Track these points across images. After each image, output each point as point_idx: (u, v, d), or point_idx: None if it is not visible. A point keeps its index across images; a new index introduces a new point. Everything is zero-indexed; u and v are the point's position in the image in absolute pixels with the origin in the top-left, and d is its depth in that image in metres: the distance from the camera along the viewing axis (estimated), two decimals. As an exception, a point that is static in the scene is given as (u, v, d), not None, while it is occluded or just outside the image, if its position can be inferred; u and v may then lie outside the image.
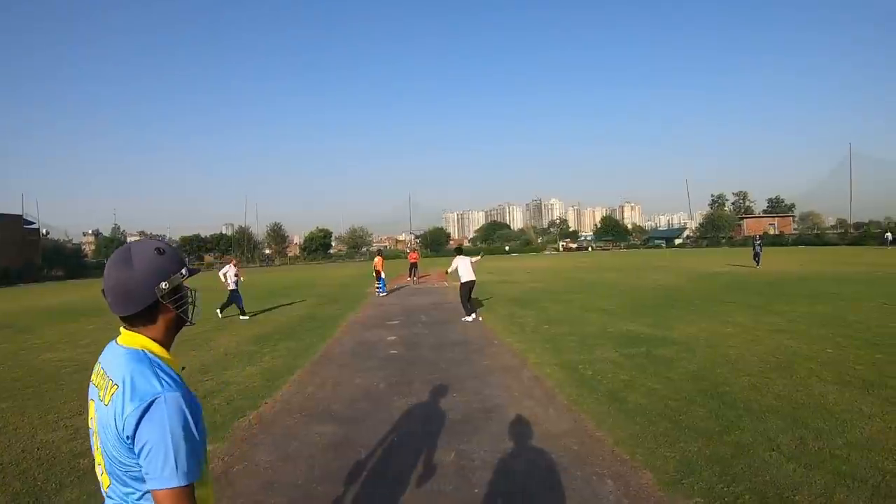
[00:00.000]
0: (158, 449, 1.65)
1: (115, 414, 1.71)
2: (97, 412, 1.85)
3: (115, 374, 1.81)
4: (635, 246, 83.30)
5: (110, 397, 1.76)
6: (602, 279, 26.14)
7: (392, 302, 20.56)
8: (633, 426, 5.97)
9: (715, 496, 4.27)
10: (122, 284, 1.83)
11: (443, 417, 6.80)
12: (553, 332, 12.08)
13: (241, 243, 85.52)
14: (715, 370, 7.99)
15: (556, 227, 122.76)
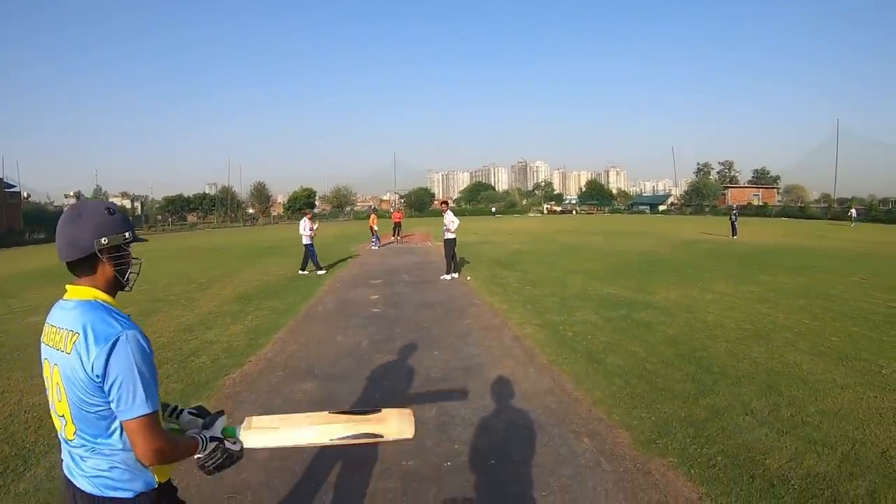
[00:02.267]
0: (127, 382, 1.87)
1: (80, 358, 1.88)
2: (59, 364, 1.97)
3: (71, 324, 1.96)
4: (619, 211, 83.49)
5: (72, 345, 1.91)
6: (585, 243, 26.26)
7: (376, 261, 20.61)
8: (611, 387, 6.11)
9: (688, 457, 4.41)
10: (68, 232, 2.02)
11: (425, 375, 6.91)
12: (534, 294, 12.21)
13: (225, 203, 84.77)
14: (693, 335, 8.14)
15: (541, 189, 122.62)
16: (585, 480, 4.17)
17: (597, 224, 47.34)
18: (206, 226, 75.09)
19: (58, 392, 2.00)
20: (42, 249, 40.27)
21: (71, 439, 2.01)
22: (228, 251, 28.55)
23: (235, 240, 39.96)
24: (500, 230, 39.13)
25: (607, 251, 21.83)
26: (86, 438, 1.98)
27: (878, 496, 3.76)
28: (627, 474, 4.20)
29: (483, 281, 14.57)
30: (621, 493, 3.94)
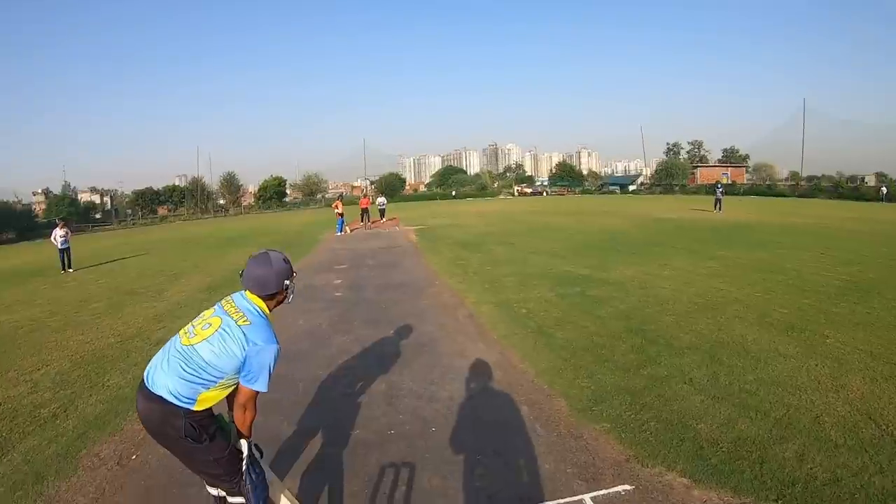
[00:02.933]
0: (262, 369, 2.93)
1: (244, 334, 2.93)
2: (224, 322, 2.99)
3: (246, 312, 3.05)
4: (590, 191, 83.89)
5: (243, 322, 2.98)
6: (552, 223, 26.41)
7: (343, 247, 20.62)
8: (557, 360, 6.26)
9: (622, 422, 4.57)
10: (263, 277, 3.13)
11: (379, 352, 7.05)
12: (494, 274, 12.32)
13: (195, 194, 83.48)
14: (644, 310, 8.30)
15: (513, 171, 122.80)
16: (520, 445, 4.32)
17: (566, 205, 47.50)
18: (177, 218, 73.90)
19: (206, 327, 3.00)
20: (11, 249, 39.51)
21: (184, 345, 2.96)
22: (198, 243, 28.34)
23: (205, 231, 39.66)
24: (469, 213, 39.15)
25: (573, 231, 22.01)
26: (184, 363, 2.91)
27: (807, 458, 3.90)
28: (560, 439, 4.35)
29: (445, 263, 14.66)
30: (551, 455, 4.10)
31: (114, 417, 5.60)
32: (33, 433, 5.38)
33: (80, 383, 6.79)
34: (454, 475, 3.95)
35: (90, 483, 4.32)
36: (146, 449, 4.79)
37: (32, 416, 5.80)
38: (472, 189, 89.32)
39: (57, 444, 5.07)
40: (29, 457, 4.84)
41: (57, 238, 18.63)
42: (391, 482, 3.94)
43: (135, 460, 4.64)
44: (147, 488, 4.17)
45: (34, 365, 7.67)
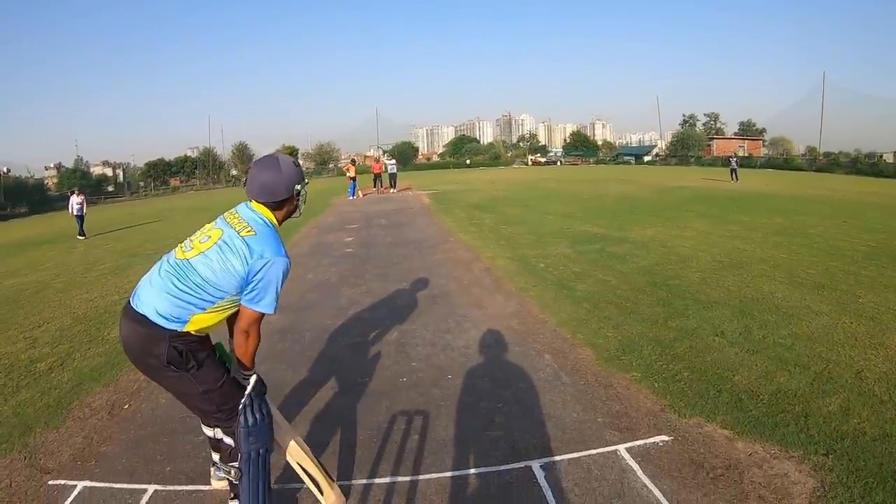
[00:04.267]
0: (268, 287, 2.56)
1: (248, 246, 2.54)
2: (225, 233, 2.62)
3: (252, 223, 2.65)
4: (604, 161, 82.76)
5: (246, 233, 2.59)
6: (567, 189, 25.91)
7: (354, 209, 20.36)
8: (579, 311, 5.94)
9: (653, 372, 4.24)
10: (272, 182, 2.70)
11: (390, 303, 6.79)
12: (510, 232, 12.00)
13: (207, 165, 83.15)
14: (667, 266, 7.94)
15: (526, 141, 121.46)
16: (543, 393, 4.02)
17: (580, 173, 46.95)
18: (189, 189, 73.47)
19: (205, 240, 2.63)
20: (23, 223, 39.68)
21: (179, 259, 2.62)
22: (207, 210, 28.10)
23: (216, 200, 39.40)
24: (483, 180, 38.81)
25: (588, 196, 21.55)
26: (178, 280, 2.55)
27: (853, 412, 3.57)
28: (588, 387, 4.03)
29: (459, 222, 14.35)
30: (579, 404, 3.78)
31: (110, 369, 5.43)
32: (27, 387, 5.24)
33: (79, 338, 6.67)
34: (472, 424, 3.66)
35: (78, 433, 4.13)
36: (139, 398, 4.65)
37: (28, 371, 5.67)
38: (485, 158, 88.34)
39: (49, 397, 4.91)
40: (19, 409, 4.67)
41: (73, 206, 18.66)
42: (402, 430, 3.66)
43: (126, 409, 4.46)
44: (136, 438, 3.96)
45: (35, 323, 7.56)
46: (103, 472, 3.57)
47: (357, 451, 3.46)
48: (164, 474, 3.46)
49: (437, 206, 19.33)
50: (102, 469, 3.60)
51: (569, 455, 3.22)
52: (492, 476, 3.10)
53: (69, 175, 75.64)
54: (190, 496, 3.21)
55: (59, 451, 3.87)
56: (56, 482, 3.49)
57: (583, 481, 2.99)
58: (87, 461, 3.71)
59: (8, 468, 3.71)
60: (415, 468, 3.23)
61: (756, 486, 2.86)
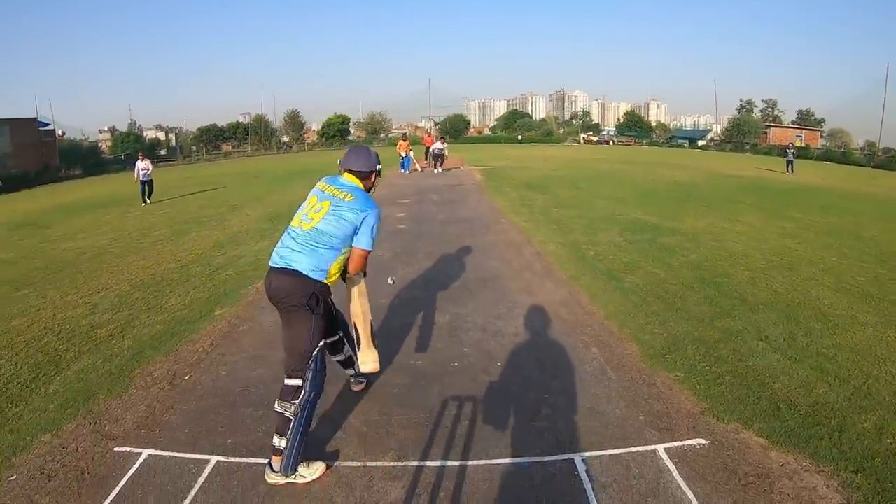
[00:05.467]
0: (369, 230, 3.50)
1: (354, 206, 3.46)
2: (333, 202, 3.47)
3: (349, 189, 3.57)
4: (657, 144, 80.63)
5: (349, 198, 3.49)
6: (618, 171, 25.57)
7: (406, 183, 20.40)
8: (627, 304, 6.01)
9: (696, 373, 4.31)
10: (363, 157, 3.76)
11: (443, 284, 6.92)
12: (561, 215, 12.02)
13: (258, 131, 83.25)
14: (717, 262, 7.91)
15: (579, 118, 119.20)
16: (588, 386, 4.13)
17: (633, 155, 45.93)
18: (241, 154, 73.72)
19: (318, 210, 3.46)
20: (77, 185, 40.39)
21: (307, 229, 3.41)
22: (260, 176, 28.48)
23: (268, 166, 39.81)
24: (534, 157, 38.41)
25: (640, 179, 21.23)
26: (313, 241, 3.38)
27: (887, 431, 3.58)
28: (632, 384, 4.14)
29: (511, 202, 14.39)
30: (623, 400, 3.89)
31: (170, 338, 5.61)
32: (89, 353, 5.42)
33: (137, 305, 6.85)
34: (520, 413, 3.80)
35: (141, 402, 4.31)
36: (200, 370, 4.82)
37: (89, 337, 5.85)
38: (537, 134, 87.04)
39: (111, 364, 5.09)
40: (82, 375, 4.87)
41: (139, 170, 18.65)
42: (453, 415, 3.82)
43: (188, 380, 4.63)
44: (198, 409, 4.14)
45: (94, 288, 7.78)
46: (167, 441, 3.71)
47: (410, 432, 3.63)
48: (225, 446, 3.59)
49: (489, 184, 19.35)
50: (166, 438, 3.74)
51: (610, 451, 3.35)
52: (536, 467, 3.25)
53: (123, 139, 76.81)
54: (250, 468, 3.34)
55: (122, 419, 4.05)
56: (122, 449, 3.65)
57: (621, 478, 3.12)
58: (150, 430, 3.87)
59: (74, 433, 3.89)
60: (464, 453, 3.39)
61: (785, 497, 2.95)
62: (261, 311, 6.20)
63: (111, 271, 8.76)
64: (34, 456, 3.64)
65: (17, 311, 6.99)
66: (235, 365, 4.86)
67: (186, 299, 6.93)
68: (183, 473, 3.32)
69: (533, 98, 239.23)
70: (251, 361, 4.90)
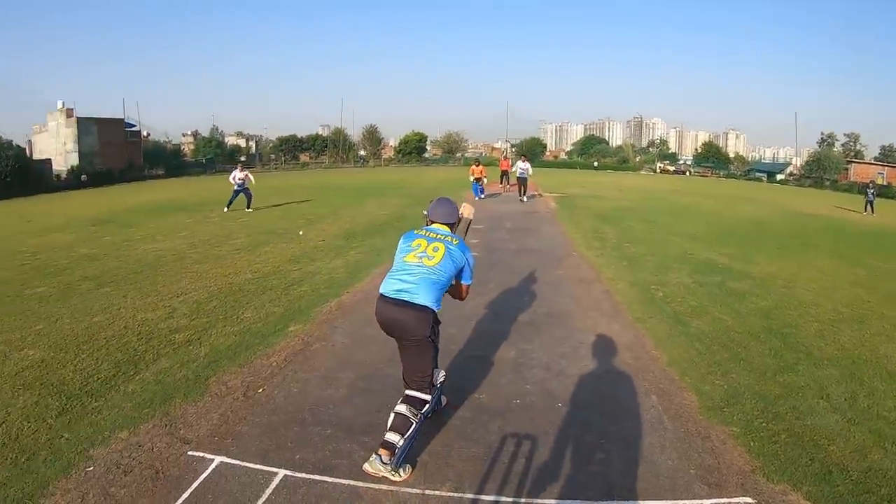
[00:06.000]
0: (470, 269, 4.05)
1: (458, 249, 3.94)
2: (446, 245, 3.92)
3: (449, 235, 4.05)
4: (734, 176, 77.54)
5: (456, 243, 3.97)
6: (694, 205, 25.02)
7: (480, 207, 20.33)
8: (690, 351, 5.99)
9: (752, 429, 4.30)
10: (449, 210, 4.20)
11: (511, 318, 7.01)
12: (633, 251, 11.96)
13: (337, 144, 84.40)
14: (785, 311, 7.73)
15: (656, 147, 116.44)
16: (644, 434, 4.19)
17: (709, 187, 44.68)
18: (318, 166, 75.13)
19: (435, 251, 3.87)
20: (159, 184, 42.08)
21: (428, 265, 3.81)
22: (338, 190, 29.04)
23: (345, 180, 40.49)
24: (609, 185, 37.84)
25: (715, 215, 20.72)
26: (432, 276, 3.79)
27: (938, 503, 3.50)
28: (687, 436, 4.17)
29: (583, 234, 14.38)
30: (676, 451, 3.94)
31: (244, 350, 5.84)
32: (167, 356, 5.70)
33: (215, 314, 7.14)
34: (575, 455, 3.89)
35: (215, 410, 4.53)
36: (273, 384, 5.01)
37: (167, 340, 6.16)
38: (612, 161, 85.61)
39: (188, 369, 5.34)
40: (160, 377, 5.15)
41: (235, 179, 19.12)
42: (511, 452, 3.93)
43: (261, 393, 4.82)
44: (269, 422, 4.31)
45: (173, 292, 8.16)
46: (239, 450, 3.89)
47: (468, 464, 3.76)
48: (293, 461, 3.73)
49: (563, 213, 19.36)
50: (238, 447, 3.93)
51: (658, 502, 3.42)
52: (586, 511, 3.34)
53: (205, 143, 79.48)
54: (315, 485, 3.47)
55: (197, 424, 4.28)
56: (195, 453, 3.85)
57: (667, 530, 3.18)
58: (223, 438, 4.07)
59: (150, 433, 4.14)
60: (518, 490, 3.50)
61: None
62: (333, 330, 6.48)
63: (190, 277, 9.16)
64: (111, 451, 3.90)
65: (99, 308, 7.45)
66: (307, 383, 5.07)
67: (262, 312, 7.22)
68: (252, 483, 3.50)
69: (610, 123, 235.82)
70: (322, 381, 5.11)
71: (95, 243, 13.07)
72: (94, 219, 18.38)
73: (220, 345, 6.02)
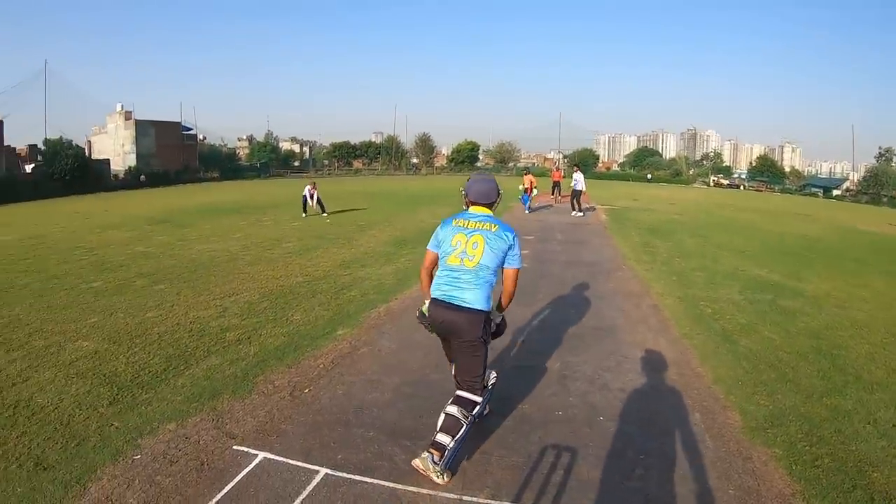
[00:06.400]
0: (518, 251, 3.89)
1: (501, 236, 3.80)
2: (484, 235, 3.79)
3: (487, 220, 3.88)
4: (789, 191, 74.67)
5: (495, 228, 3.82)
6: (746, 220, 24.27)
7: (532, 218, 20.44)
8: (737, 369, 5.87)
9: (795, 452, 4.21)
10: (487, 188, 4.03)
11: (558, 331, 7.00)
12: (683, 266, 11.76)
13: (389, 151, 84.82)
14: (837, 331, 7.49)
15: (710, 160, 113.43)
16: (685, 452, 4.15)
17: (763, 202, 43.26)
18: (370, 172, 75.70)
19: (475, 247, 3.75)
20: (214, 186, 42.96)
21: (474, 266, 3.73)
22: (390, 197, 29.24)
23: (397, 187, 40.65)
24: (661, 198, 37.12)
25: (768, 231, 20.07)
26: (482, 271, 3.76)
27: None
28: (728, 455, 4.11)
29: (633, 247, 14.21)
30: (715, 471, 3.89)
31: (293, 351, 5.96)
32: (216, 353, 5.87)
33: (265, 314, 7.30)
34: (613, 470, 3.87)
35: (261, 407, 4.64)
36: (319, 385, 5.10)
37: (218, 338, 6.34)
38: (665, 174, 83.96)
39: (236, 367, 5.48)
40: (209, 374, 5.32)
41: (307, 192, 19.43)
42: (550, 463, 3.93)
43: (307, 394, 4.92)
44: (313, 422, 4.40)
45: (225, 292, 8.37)
46: (282, 447, 3.97)
47: (507, 473, 3.78)
48: (335, 461, 3.79)
49: (614, 225, 19.14)
50: (282, 444, 4.01)
51: None
52: (621, 528, 3.32)
53: (259, 148, 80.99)
54: (356, 485, 3.53)
55: (243, 420, 4.40)
56: (240, 448, 3.97)
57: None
58: (268, 434, 4.18)
59: (197, 426, 4.29)
60: (554, 502, 3.51)
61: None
62: (381, 335, 6.57)
63: (242, 278, 9.37)
64: (159, 441, 4.07)
65: (153, 304, 7.72)
66: (352, 386, 5.15)
67: (311, 315, 7.34)
68: (293, 479, 3.58)
69: (663, 135, 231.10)
70: (368, 384, 5.18)
71: (151, 242, 13.59)
72: (150, 218, 19.09)
73: (269, 345, 6.17)
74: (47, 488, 3.49)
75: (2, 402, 4.74)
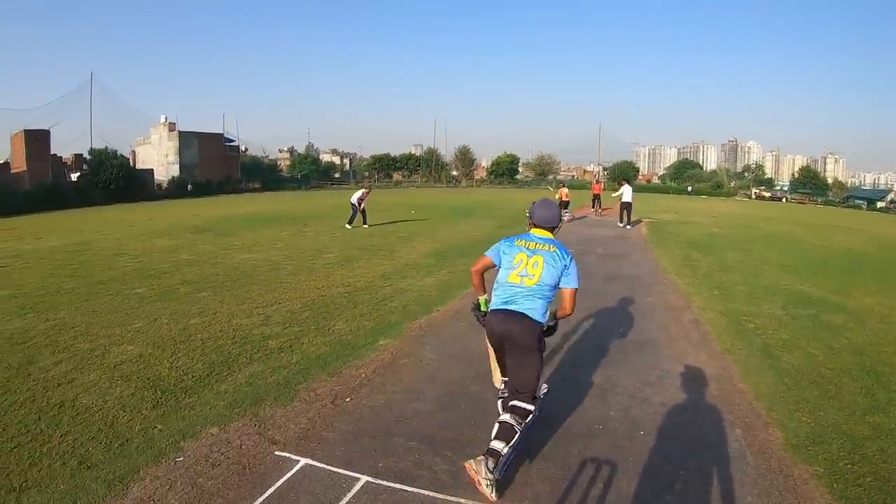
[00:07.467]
0: (574, 272, 3.98)
1: (559, 256, 3.91)
2: (544, 256, 3.91)
3: (547, 242, 4.02)
4: (833, 203, 72.16)
5: (553, 249, 3.94)
6: (789, 233, 23.58)
7: (572, 230, 20.16)
8: (779, 385, 5.72)
9: (836, 470, 4.08)
10: (551, 215, 4.15)
11: (599, 344, 6.92)
12: (724, 280, 11.48)
13: (429, 164, 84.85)
14: (881, 348, 7.21)
15: (751, 172, 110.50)
16: (724, 468, 4.07)
17: (806, 215, 41.96)
18: (410, 185, 75.63)
19: (535, 266, 3.87)
20: (255, 197, 43.27)
21: (532, 286, 3.84)
22: (430, 209, 29.15)
23: (438, 199, 40.55)
24: (702, 211, 36.37)
25: (811, 245, 19.48)
26: (540, 289, 3.85)
27: None
28: (769, 472, 4.02)
29: (674, 261, 13.93)
30: (756, 488, 3.80)
31: (334, 360, 5.95)
32: (259, 360, 5.89)
33: (307, 324, 7.28)
34: (652, 485, 3.81)
35: (303, 414, 4.65)
36: (360, 394, 5.09)
37: (261, 346, 6.37)
38: (706, 186, 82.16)
39: (279, 375, 5.50)
40: (252, 380, 5.35)
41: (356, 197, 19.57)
42: (589, 477, 3.89)
43: (348, 403, 4.92)
44: (355, 430, 4.40)
45: (268, 301, 8.40)
46: (324, 454, 3.96)
47: (546, 485, 3.74)
48: (376, 469, 3.78)
49: (654, 238, 18.80)
50: (323, 451, 4.01)
51: None
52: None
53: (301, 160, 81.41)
54: (396, 493, 3.51)
55: (285, 427, 4.42)
56: (282, 454, 3.98)
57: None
58: (310, 441, 4.18)
59: (239, 431, 4.33)
60: None
61: None
62: (422, 346, 6.55)
63: (284, 287, 9.39)
64: (201, 444, 4.12)
65: (196, 311, 7.81)
66: (393, 395, 5.14)
67: (353, 325, 7.33)
68: (334, 486, 3.58)
69: (704, 147, 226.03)
70: (408, 395, 5.17)
71: (194, 250, 13.80)
72: (193, 227, 19.44)
73: (311, 353, 6.18)
74: (90, 486, 3.58)
75: (47, 402, 4.89)
